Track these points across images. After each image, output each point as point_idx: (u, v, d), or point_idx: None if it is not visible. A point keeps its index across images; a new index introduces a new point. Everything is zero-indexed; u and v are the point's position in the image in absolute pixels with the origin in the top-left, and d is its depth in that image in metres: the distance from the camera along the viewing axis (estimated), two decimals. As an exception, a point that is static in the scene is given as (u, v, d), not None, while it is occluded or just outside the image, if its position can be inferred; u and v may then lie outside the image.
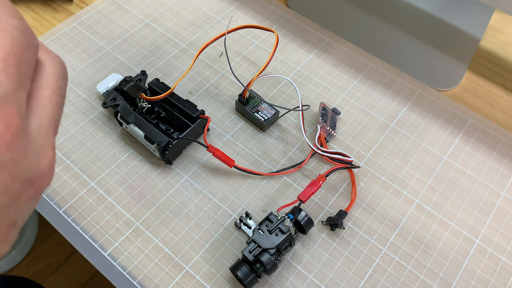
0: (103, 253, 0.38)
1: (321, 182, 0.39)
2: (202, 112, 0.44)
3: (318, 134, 0.44)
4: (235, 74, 0.45)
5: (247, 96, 0.46)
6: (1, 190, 0.15)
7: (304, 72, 0.51)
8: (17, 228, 0.17)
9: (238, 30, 0.47)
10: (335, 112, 0.47)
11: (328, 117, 0.46)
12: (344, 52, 0.53)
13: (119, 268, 0.38)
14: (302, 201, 0.38)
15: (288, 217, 0.37)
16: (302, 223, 0.38)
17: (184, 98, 0.45)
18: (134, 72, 0.50)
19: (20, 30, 0.16)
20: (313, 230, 0.40)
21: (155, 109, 0.45)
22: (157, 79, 0.46)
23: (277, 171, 0.43)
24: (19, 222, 0.17)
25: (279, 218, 0.37)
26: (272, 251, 0.35)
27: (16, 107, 0.15)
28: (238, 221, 0.40)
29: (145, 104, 0.44)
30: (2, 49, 0.15)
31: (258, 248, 0.36)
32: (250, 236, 0.38)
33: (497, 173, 0.44)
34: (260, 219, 0.40)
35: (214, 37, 0.43)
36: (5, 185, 0.15)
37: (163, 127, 0.44)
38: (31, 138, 0.17)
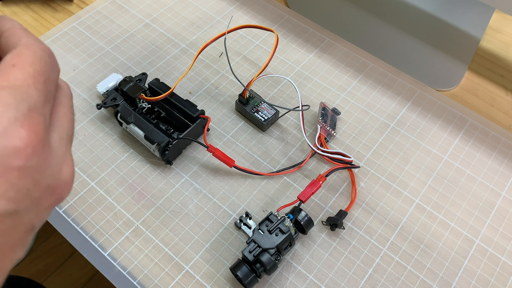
0: (103, 253, 0.38)
1: (321, 182, 0.39)
2: (202, 112, 0.44)
3: (318, 134, 0.44)
4: (235, 74, 0.45)
5: (247, 96, 0.46)
6: (23, 195, 0.16)
7: (304, 72, 0.51)
8: (34, 233, 0.18)
9: (238, 30, 0.47)
10: (335, 112, 0.47)
11: (328, 117, 0.46)
12: (344, 52, 0.53)
13: (119, 268, 0.38)
14: (302, 201, 0.38)
15: (288, 217, 0.37)
16: (302, 223, 0.38)
17: (184, 98, 0.45)
18: (134, 72, 0.50)
19: (47, 54, 0.18)
20: (313, 230, 0.40)
21: (155, 109, 0.45)
22: (157, 79, 0.46)
23: (277, 171, 0.43)
24: (37, 228, 0.18)
25: (279, 218, 0.37)
26: (272, 251, 0.35)
27: (43, 118, 0.17)
28: (238, 221, 0.40)
29: (145, 104, 0.44)
30: (33, 66, 0.17)
31: (258, 248, 0.36)
32: (250, 236, 0.38)
33: (497, 173, 0.44)
34: (260, 219, 0.40)
35: (214, 37, 0.43)
36: (27, 190, 0.16)
37: (163, 127, 0.44)
38: (53, 148, 0.18)
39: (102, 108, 0.44)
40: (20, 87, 0.17)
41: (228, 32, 0.43)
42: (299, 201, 0.38)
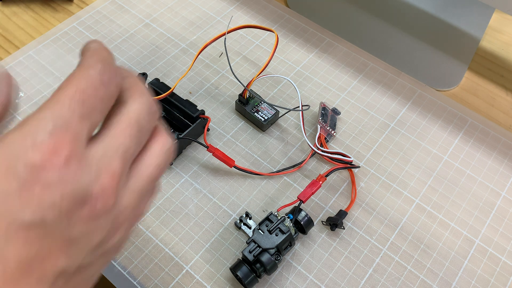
0: (103, 253, 0.38)
1: (321, 182, 0.39)
2: (202, 112, 0.44)
3: (318, 134, 0.44)
4: (235, 74, 0.45)
5: (247, 96, 0.46)
6: (49, 205, 0.17)
7: (304, 72, 0.51)
8: (78, 245, 0.19)
9: (238, 30, 0.47)
10: (335, 112, 0.47)
11: (328, 117, 0.46)
12: (344, 52, 0.53)
13: (119, 268, 0.38)
14: (302, 201, 0.38)
15: (288, 217, 0.37)
16: (302, 223, 0.38)
17: (184, 98, 0.45)
18: (134, 72, 0.50)
19: (99, 71, 0.19)
20: (313, 230, 0.40)
21: (155, 109, 0.45)
22: (157, 79, 0.46)
23: (277, 171, 0.43)
24: (80, 241, 0.19)
25: (279, 218, 0.37)
26: (272, 251, 0.35)
27: (71, 136, 0.18)
28: (238, 221, 0.40)
29: (145, 104, 0.44)
30: (76, 86, 0.18)
31: (258, 248, 0.36)
32: (250, 236, 0.38)
33: (497, 173, 0.44)
34: (260, 219, 0.40)
35: (214, 37, 0.43)
36: (53, 201, 0.17)
37: (163, 127, 0.44)
38: (87, 163, 0.18)
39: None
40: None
41: (228, 32, 0.43)
42: (299, 201, 0.38)
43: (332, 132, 0.46)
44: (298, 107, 0.44)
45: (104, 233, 0.20)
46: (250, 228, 0.39)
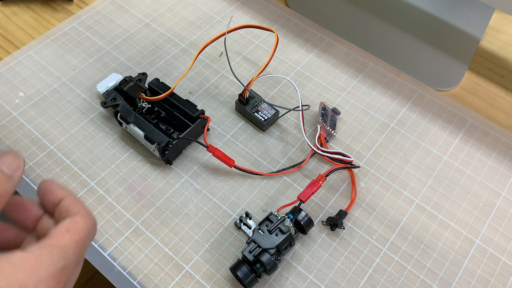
0: (103, 253, 0.38)
1: (321, 182, 0.39)
2: (202, 112, 0.44)
3: (318, 134, 0.44)
4: (235, 74, 0.45)
5: (247, 96, 0.46)
6: None
7: (304, 72, 0.51)
8: None
9: (238, 30, 0.47)
10: (335, 112, 0.47)
11: (328, 117, 0.46)
12: (344, 52, 0.53)
13: (119, 268, 0.38)
14: (302, 201, 0.38)
15: (288, 217, 0.37)
16: (302, 223, 0.38)
17: (184, 98, 0.45)
18: (134, 72, 0.50)
19: (93, 225, 0.25)
20: (313, 230, 0.40)
21: (155, 109, 0.45)
22: (157, 79, 0.46)
23: (277, 171, 0.43)
24: None
25: (279, 218, 0.37)
26: (272, 251, 0.35)
27: (67, 276, 0.23)
28: (238, 221, 0.40)
29: (145, 104, 0.44)
30: (80, 235, 0.23)
31: (258, 248, 0.36)
32: (250, 236, 0.38)
33: (497, 173, 0.44)
34: (260, 219, 0.40)
35: (214, 37, 0.43)
36: None
37: (163, 127, 0.44)
38: None
39: (102, 108, 0.44)
40: (65, 248, 0.22)
41: (228, 32, 0.43)
42: (299, 201, 0.38)
43: (332, 132, 0.46)
44: (298, 107, 0.44)
45: None
46: (250, 228, 0.39)
